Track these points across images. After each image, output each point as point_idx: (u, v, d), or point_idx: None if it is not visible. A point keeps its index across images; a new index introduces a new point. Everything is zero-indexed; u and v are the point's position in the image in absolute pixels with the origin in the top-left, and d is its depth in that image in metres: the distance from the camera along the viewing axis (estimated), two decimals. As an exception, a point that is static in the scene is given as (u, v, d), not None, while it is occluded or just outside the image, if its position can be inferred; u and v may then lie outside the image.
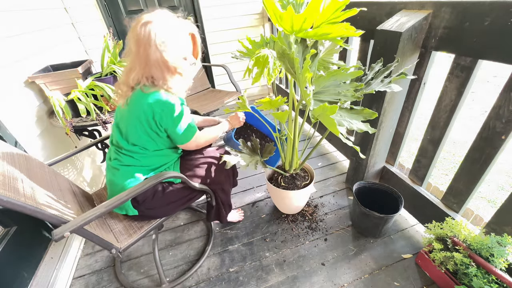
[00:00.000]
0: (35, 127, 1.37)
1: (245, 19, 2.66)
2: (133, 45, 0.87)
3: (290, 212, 1.54)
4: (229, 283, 1.22)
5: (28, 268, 1.16)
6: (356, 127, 0.93)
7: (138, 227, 1.04)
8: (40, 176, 0.90)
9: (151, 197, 1.01)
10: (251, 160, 1.17)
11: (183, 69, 0.94)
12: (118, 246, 0.94)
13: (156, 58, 0.86)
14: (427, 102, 1.72)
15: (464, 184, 1.10)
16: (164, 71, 0.89)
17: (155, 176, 0.91)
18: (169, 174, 0.93)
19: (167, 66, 0.89)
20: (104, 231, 0.97)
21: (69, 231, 0.72)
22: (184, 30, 0.93)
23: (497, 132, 0.91)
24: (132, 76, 0.90)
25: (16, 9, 1.45)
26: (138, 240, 1.01)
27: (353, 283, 1.17)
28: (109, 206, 0.80)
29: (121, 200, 0.82)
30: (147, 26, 0.83)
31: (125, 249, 0.96)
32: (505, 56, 0.82)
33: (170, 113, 0.93)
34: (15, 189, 0.68)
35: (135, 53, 0.87)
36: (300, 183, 1.40)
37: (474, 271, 0.94)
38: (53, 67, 1.59)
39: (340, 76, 1.01)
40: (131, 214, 1.02)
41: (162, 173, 0.93)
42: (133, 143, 0.98)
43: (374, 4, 1.22)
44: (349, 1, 0.77)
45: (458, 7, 0.90)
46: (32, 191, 0.74)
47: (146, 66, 0.88)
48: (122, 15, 2.35)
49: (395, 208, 1.26)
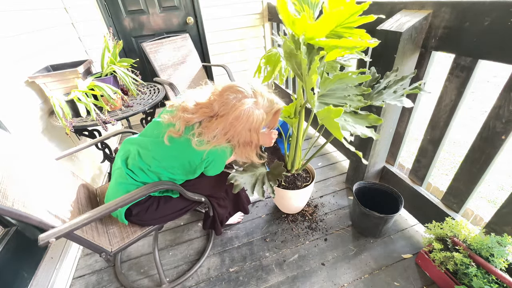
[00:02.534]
0: (35, 127, 1.37)
1: (245, 19, 2.65)
2: (231, 114, 0.85)
3: (291, 212, 1.54)
4: (229, 283, 1.22)
5: (28, 268, 1.16)
6: (360, 132, 0.90)
7: (132, 231, 1.03)
8: (39, 174, 0.90)
9: (144, 211, 0.99)
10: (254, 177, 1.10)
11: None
12: (109, 249, 0.93)
13: (245, 138, 0.89)
14: (427, 102, 1.71)
15: (464, 184, 1.10)
16: (238, 145, 0.92)
17: (152, 184, 0.89)
18: (165, 185, 0.91)
19: (246, 142, 0.91)
20: (97, 233, 0.96)
21: (54, 238, 0.71)
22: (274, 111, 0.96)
23: (497, 132, 0.91)
24: (206, 126, 0.88)
25: (16, 9, 1.45)
26: (130, 244, 1.00)
27: (353, 283, 1.17)
28: (101, 213, 0.79)
29: (114, 206, 0.81)
30: (252, 110, 0.86)
31: (116, 252, 0.95)
32: (505, 56, 0.82)
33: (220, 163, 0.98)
34: (3, 193, 0.66)
35: (228, 121, 0.86)
36: (300, 183, 1.40)
37: (474, 271, 0.94)
38: (53, 67, 1.59)
39: (347, 80, 0.99)
40: (120, 221, 1.02)
41: (158, 182, 0.91)
42: (159, 175, 0.97)
43: (374, 4, 1.23)
44: (367, 7, 0.75)
45: (458, 7, 0.90)
46: (24, 194, 0.73)
47: (226, 135, 0.87)
48: (122, 15, 2.35)
49: (395, 208, 1.26)
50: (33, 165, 0.91)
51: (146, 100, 1.65)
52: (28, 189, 0.77)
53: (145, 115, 1.88)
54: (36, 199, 0.76)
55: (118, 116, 1.45)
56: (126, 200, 0.83)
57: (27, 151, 0.92)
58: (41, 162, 0.97)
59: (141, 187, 0.88)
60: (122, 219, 1.00)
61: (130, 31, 2.45)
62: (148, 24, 2.47)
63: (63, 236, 0.74)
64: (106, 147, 1.72)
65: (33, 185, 0.81)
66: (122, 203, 0.83)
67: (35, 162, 0.95)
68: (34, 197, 0.76)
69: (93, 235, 0.92)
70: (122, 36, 2.45)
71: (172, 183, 0.95)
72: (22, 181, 0.77)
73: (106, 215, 0.83)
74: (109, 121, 1.38)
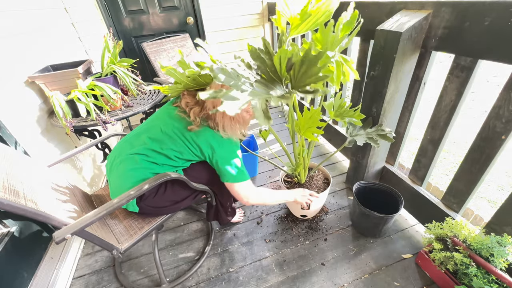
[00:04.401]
0: (35, 127, 1.37)
1: (245, 19, 2.65)
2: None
3: (310, 216, 1.51)
4: (229, 283, 1.22)
5: (28, 268, 1.16)
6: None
7: (139, 227, 1.04)
8: (39, 177, 0.90)
9: (153, 195, 1.02)
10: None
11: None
12: (119, 247, 0.94)
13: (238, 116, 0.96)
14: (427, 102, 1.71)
15: (464, 184, 1.10)
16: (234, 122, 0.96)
17: (158, 176, 0.92)
18: (171, 175, 0.94)
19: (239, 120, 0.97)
20: (105, 232, 0.97)
21: (70, 233, 0.72)
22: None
23: (497, 132, 0.91)
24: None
25: (16, 9, 1.45)
26: (140, 240, 1.01)
27: (353, 283, 1.17)
28: (112, 207, 0.80)
29: (123, 200, 0.83)
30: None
31: (126, 249, 0.96)
32: (505, 56, 0.82)
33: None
34: (15, 192, 0.68)
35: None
36: (315, 191, 1.36)
37: (474, 271, 0.94)
38: (53, 67, 1.59)
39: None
40: (131, 210, 1.03)
41: (165, 174, 0.94)
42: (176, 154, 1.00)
43: (374, 4, 1.22)
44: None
45: (458, 7, 0.90)
46: (32, 193, 0.74)
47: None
48: (122, 15, 2.35)
49: (395, 208, 1.26)
50: (32, 166, 0.92)
51: (146, 100, 1.65)
52: (35, 189, 0.78)
53: (145, 115, 1.88)
54: (44, 199, 0.77)
55: (118, 116, 1.45)
56: (135, 192, 0.86)
57: (27, 152, 0.93)
58: (41, 163, 0.98)
59: (149, 179, 0.91)
60: (133, 207, 1.02)
61: (130, 31, 2.45)
62: (148, 24, 2.47)
63: (76, 233, 0.75)
64: (106, 147, 1.72)
65: (38, 186, 0.81)
66: (133, 196, 0.85)
67: (35, 163, 0.95)
68: (42, 197, 0.77)
69: (102, 233, 0.93)
70: (122, 36, 2.45)
71: (177, 174, 0.98)
72: (28, 182, 0.78)
73: (119, 207, 0.84)
74: (109, 121, 1.38)
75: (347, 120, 1.22)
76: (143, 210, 1.03)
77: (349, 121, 1.22)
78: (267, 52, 0.78)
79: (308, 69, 0.69)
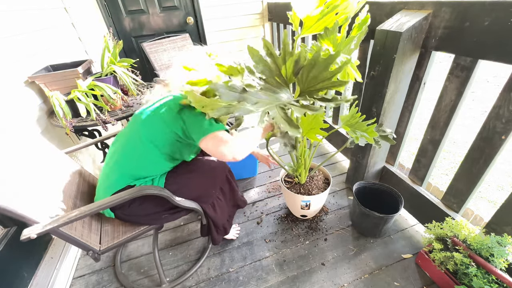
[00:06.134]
0: (35, 127, 1.37)
1: (245, 19, 2.65)
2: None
3: (310, 216, 1.50)
4: (229, 283, 1.22)
5: (28, 268, 1.16)
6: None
7: (123, 231, 1.02)
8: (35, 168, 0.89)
9: (127, 205, 0.99)
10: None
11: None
12: (97, 248, 0.92)
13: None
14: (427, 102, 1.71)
15: (464, 184, 1.10)
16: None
17: (136, 189, 0.87)
18: (151, 190, 0.88)
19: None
20: (88, 230, 0.95)
21: (35, 234, 0.71)
22: None
23: (497, 132, 0.91)
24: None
25: (16, 9, 1.45)
26: (119, 245, 0.98)
27: (353, 283, 1.17)
28: (84, 213, 0.78)
29: (99, 207, 0.81)
30: None
31: (103, 251, 0.94)
32: (505, 56, 0.82)
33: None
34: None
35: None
36: (316, 191, 1.37)
37: (474, 271, 0.94)
38: (53, 67, 1.59)
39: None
40: (107, 216, 1.03)
41: (144, 187, 0.89)
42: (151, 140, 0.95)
43: (374, 4, 1.22)
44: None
45: (458, 7, 0.90)
46: (12, 187, 0.73)
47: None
48: (122, 15, 2.35)
49: (395, 208, 1.26)
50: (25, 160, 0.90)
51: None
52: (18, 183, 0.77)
53: (145, 115, 1.87)
54: (25, 193, 0.76)
55: (118, 116, 1.45)
56: (111, 201, 0.83)
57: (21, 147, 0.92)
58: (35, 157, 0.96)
59: (126, 191, 0.87)
60: (107, 213, 1.01)
61: (130, 31, 2.45)
62: (148, 24, 2.47)
63: (48, 232, 0.73)
64: (106, 147, 1.72)
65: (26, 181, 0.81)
66: (106, 205, 0.83)
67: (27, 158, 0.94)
68: (24, 191, 0.76)
69: (83, 232, 0.91)
70: (122, 36, 2.45)
71: (160, 188, 0.92)
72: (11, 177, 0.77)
73: (90, 215, 0.82)
74: (109, 121, 1.38)
75: (358, 135, 1.09)
76: (119, 217, 1.02)
77: (361, 136, 1.09)
78: (270, 54, 0.74)
79: (319, 73, 0.64)
